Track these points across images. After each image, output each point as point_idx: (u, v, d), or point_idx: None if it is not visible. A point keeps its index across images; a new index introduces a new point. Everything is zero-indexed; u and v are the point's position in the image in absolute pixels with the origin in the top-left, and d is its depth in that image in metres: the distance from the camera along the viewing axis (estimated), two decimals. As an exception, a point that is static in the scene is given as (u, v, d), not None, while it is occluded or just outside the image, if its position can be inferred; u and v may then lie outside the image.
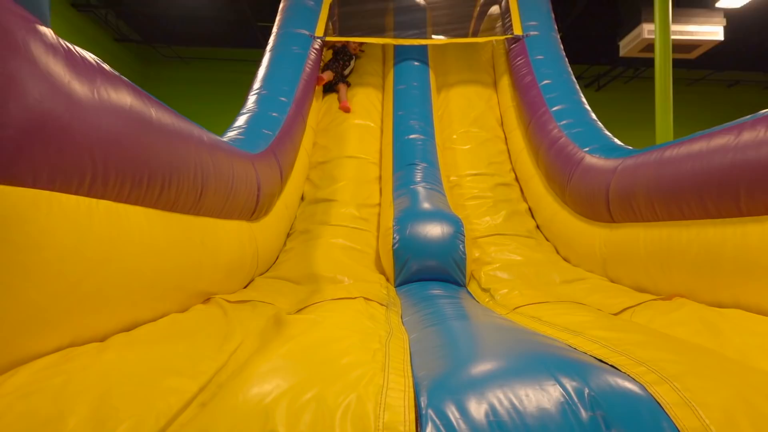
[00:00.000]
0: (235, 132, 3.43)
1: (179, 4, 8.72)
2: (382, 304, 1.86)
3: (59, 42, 1.22)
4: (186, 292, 1.83)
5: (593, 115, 4.02)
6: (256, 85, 4.23)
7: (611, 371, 0.98)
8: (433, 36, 5.26)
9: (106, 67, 1.44)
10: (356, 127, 4.73)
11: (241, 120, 3.66)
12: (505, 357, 1.00)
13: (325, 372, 0.90)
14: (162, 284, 1.62)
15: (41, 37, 1.14)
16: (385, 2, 5.35)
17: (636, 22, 8.16)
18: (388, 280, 2.88)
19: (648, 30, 7.86)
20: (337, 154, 4.45)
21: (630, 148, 3.34)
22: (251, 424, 0.76)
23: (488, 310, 1.88)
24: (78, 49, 1.32)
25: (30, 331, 1.05)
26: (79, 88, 1.24)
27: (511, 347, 1.09)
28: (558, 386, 0.85)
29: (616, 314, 1.98)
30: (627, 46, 8.53)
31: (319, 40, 4.86)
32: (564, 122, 3.87)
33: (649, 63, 7.61)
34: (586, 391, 0.84)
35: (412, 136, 4.25)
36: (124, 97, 1.45)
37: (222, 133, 3.63)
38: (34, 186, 1.08)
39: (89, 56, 1.36)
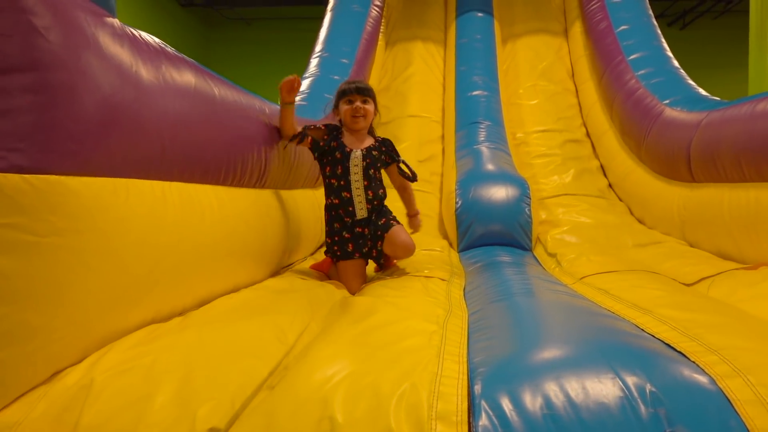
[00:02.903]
0: (299, 97, 3.47)
1: (241, -36, 8.73)
2: (443, 279, 1.87)
3: (125, 31, 1.26)
4: (257, 263, 1.92)
5: (675, 63, 3.72)
6: (318, 47, 4.22)
7: (679, 360, 0.94)
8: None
9: (170, 49, 1.48)
10: (418, 85, 4.63)
11: (304, 84, 3.69)
12: (566, 344, 0.98)
13: (382, 358, 0.93)
14: (233, 257, 1.71)
15: (109, 29, 1.19)
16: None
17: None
18: (451, 245, 2.88)
19: (744, -43, 7.02)
20: (399, 113, 4.40)
21: (717, 99, 3.08)
22: (311, 409, 0.81)
23: (554, 281, 1.84)
24: (142, 34, 1.37)
25: (116, 310, 1.15)
26: (146, 75, 1.28)
27: (573, 332, 1.07)
28: (618, 380, 0.83)
29: (691, 284, 1.87)
30: (718, -22, 7.68)
31: (379, -4, 4.74)
32: (642, 72, 3.61)
33: (745, -5, 6.82)
34: (648, 386, 0.82)
35: (475, 93, 4.12)
36: (189, 79, 1.50)
37: None
38: (112, 175, 1.15)
39: (153, 40, 1.40)
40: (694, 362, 0.94)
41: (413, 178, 2.24)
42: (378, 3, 4.68)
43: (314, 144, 2.15)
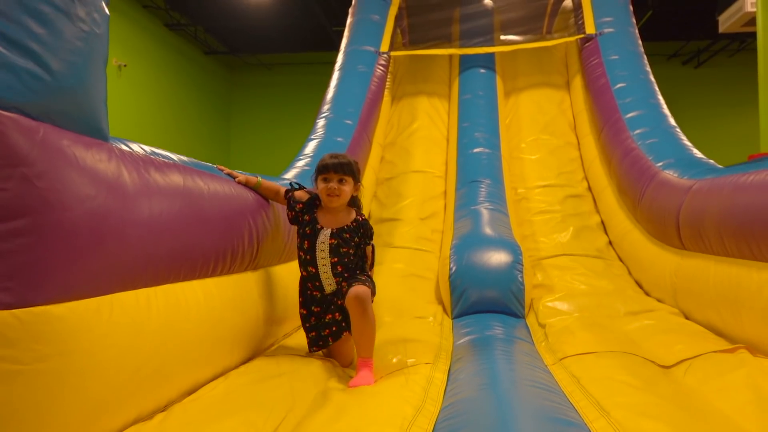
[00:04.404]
0: (303, 161, 3.62)
1: (260, 16, 9.13)
2: (427, 363, 1.92)
3: (114, 152, 1.39)
4: (247, 343, 2.02)
5: (672, 121, 3.77)
6: (325, 107, 4.40)
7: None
8: (502, 37, 5.13)
9: (159, 157, 1.61)
10: (422, 140, 4.76)
11: (309, 147, 3.85)
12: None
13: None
14: (221, 344, 1.81)
15: (100, 155, 1.32)
16: (450, 11, 5.29)
17: (737, -6, 7.36)
18: (445, 310, 2.93)
19: (751, 2, 7.08)
20: (403, 168, 4.52)
21: (710, 163, 3.11)
22: None
23: (535, 367, 1.88)
24: (133, 148, 1.50)
25: (98, 420, 1.24)
26: (132, 189, 1.40)
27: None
28: None
29: (669, 367, 1.90)
30: (727, 21, 7.73)
31: (385, 55, 4.93)
32: (638, 131, 3.67)
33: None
34: None
35: (476, 150, 4.22)
36: (176, 180, 1.61)
37: (296, 153, 3.83)
38: (96, 294, 1.27)
39: (142, 151, 1.53)
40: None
41: (371, 264, 2.22)
42: (383, 62, 4.86)
43: (293, 219, 2.15)
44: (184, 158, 1.86)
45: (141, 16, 8.84)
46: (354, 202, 2.17)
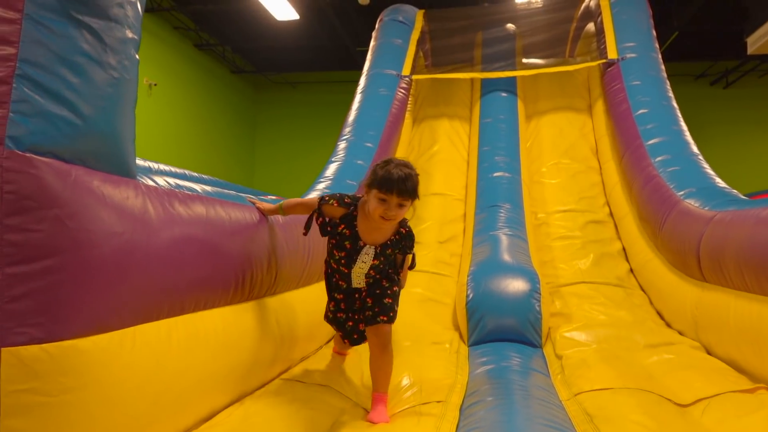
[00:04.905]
0: (323, 184, 3.69)
1: (286, 37, 9.34)
2: (439, 401, 1.93)
3: (140, 188, 1.46)
4: (261, 370, 2.06)
5: (694, 149, 3.72)
6: (346, 130, 4.48)
7: None
8: (524, 60, 5.16)
9: (181, 191, 1.67)
10: (443, 162, 4.79)
11: (330, 170, 3.92)
12: None
13: None
14: (238, 370, 1.85)
15: (128, 192, 1.38)
16: (472, 35, 5.35)
17: (766, 17, 7.26)
18: (461, 337, 2.94)
19: (780, 24, 6.97)
20: (423, 191, 4.39)
21: (733, 193, 3.07)
22: None
23: (549, 403, 1.87)
24: (158, 182, 1.57)
25: (117, 448, 1.30)
26: (156, 223, 1.46)
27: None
28: None
29: (686, 406, 1.87)
30: (756, 43, 7.62)
31: (407, 78, 5.01)
32: (660, 158, 3.63)
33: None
34: None
35: (496, 174, 4.23)
36: (199, 211, 1.67)
37: (319, 170, 3.91)
38: (120, 327, 1.33)
39: (166, 185, 1.60)
40: None
41: (410, 267, 2.13)
42: (404, 85, 4.93)
43: (322, 227, 1.97)
44: (208, 188, 1.93)
45: (172, 37, 9.14)
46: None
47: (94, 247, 1.23)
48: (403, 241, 1.97)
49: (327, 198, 1.96)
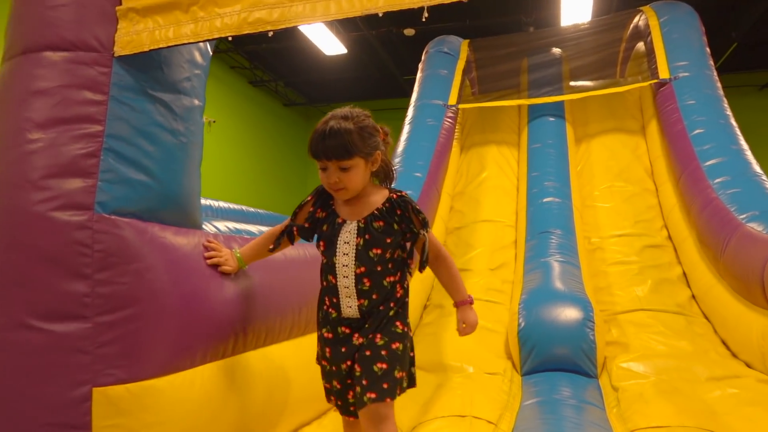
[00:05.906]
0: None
1: (335, 69, 9.69)
2: (490, 422, 1.96)
3: (207, 236, 1.60)
4: (315, 402, 2.14)
5: (757, 168, 3.59)
6: (396, 160, 4.58)
7: None
8: (572, 83, 5.14)
9: (240, 235, 1.81)
10: (491, 189, 4.81)
11: (379, 201, 4.03)
12: None
13: None
14: (292, 405, 1.95)
15: (194, 242, 1.53)
16: (518, 61, 5.39)
17: (833, 22, 6.90)
18: (514, 366, 2.93)
19: None
20: (473, 218, 4.58)
21: (801, 215, 2.93)
22: None
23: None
24: (219, 228, 1.72)
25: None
26: (218, 270, 1.60)
27: None
28: None
29: (752, 446, 1.81)
30: (824, 49, 7.25)
31: (453, 108, 5.09)
32: (719, 180, 3.52)
33: None
34: None
35: (546, 200, 4.21)
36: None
37: None
38: (190, 367, 1.46)
39: (224, 230, 1.75)
40: None
41: (423, 263, 1.55)
42: (451, 114, 5.01)
43: (302, 232, 1.57)
44: (264, 228, 2.06)
45: (228, 76, 9.68)
46: (383, 173, 1.54)
47: (166, 296, 1.37)
48: (396, 209, 1.47)
49: (297, 209, 1.61)
